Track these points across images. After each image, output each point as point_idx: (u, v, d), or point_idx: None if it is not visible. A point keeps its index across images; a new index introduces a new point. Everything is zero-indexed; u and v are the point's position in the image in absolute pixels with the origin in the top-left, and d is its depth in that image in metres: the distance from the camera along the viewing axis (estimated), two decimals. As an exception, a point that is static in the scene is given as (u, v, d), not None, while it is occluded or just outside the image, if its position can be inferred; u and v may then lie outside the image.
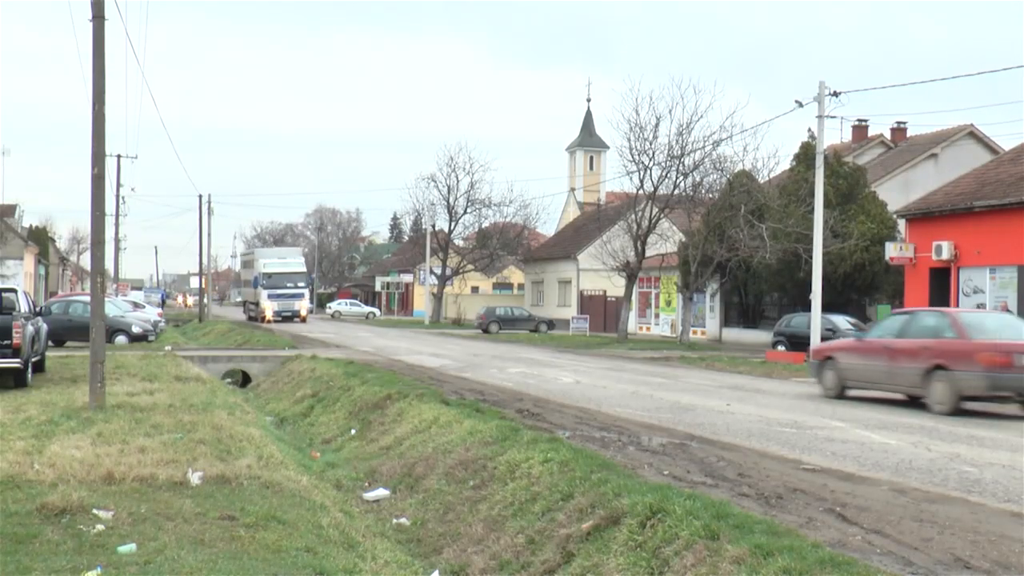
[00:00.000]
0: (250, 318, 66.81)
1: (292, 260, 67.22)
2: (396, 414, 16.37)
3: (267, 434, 14.72)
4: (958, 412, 16.51)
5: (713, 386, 21.49)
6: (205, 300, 69.30)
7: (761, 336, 43.10)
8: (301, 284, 64.71)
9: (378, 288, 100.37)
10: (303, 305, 64.48)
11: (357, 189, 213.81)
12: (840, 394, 19.33)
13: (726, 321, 48.70)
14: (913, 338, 17.94)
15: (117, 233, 63.07)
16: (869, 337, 19.75)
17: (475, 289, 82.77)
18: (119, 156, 55.91)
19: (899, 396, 18.58)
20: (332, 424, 18.24)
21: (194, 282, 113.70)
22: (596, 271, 56.24)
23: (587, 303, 61.95)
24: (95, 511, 8.91)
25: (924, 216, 35.68)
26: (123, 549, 7.85)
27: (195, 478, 10.47)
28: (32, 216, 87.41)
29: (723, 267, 41.02)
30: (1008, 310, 30.89)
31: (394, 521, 11.14)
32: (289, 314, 62.85)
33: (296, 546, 8.28)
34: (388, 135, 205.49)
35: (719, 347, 41.60)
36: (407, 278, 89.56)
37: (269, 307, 62.75)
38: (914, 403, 17.73)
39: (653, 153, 42.22)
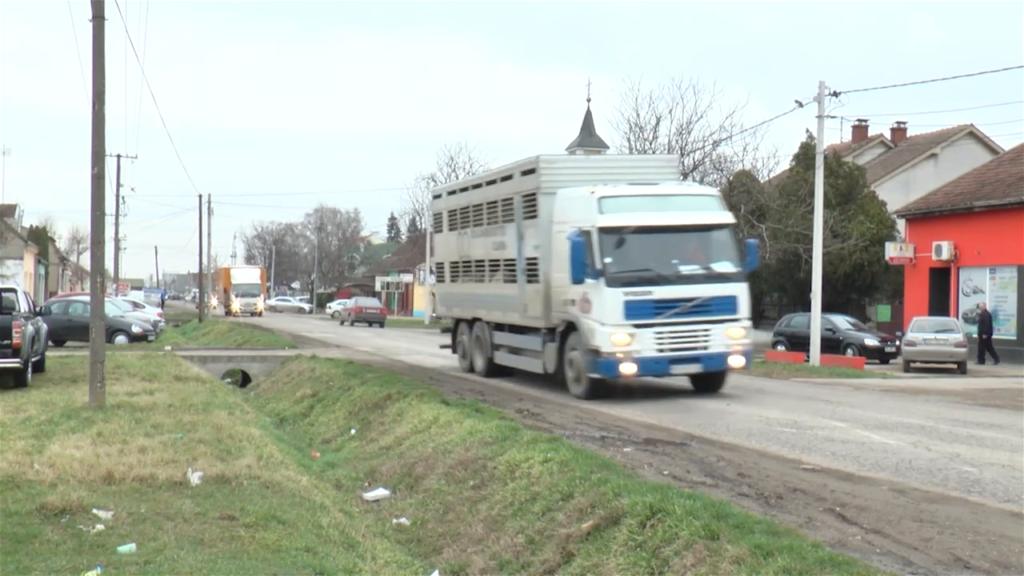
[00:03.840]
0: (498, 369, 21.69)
1: (685, 194, 18.86)
2: (396, 414, 16.36)
3: (267, 434, 14.73)
4: None
5: (713, 386, 21.41)
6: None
7: (761, 336, 43.05)
8: (726, 266, 17.32)
9: (378, 288, 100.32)
10: (736, 336, 17.16)
11: (357, 189, 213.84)
12: None
13: (726, 321, 48.59)
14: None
15: (117, 233, 62.95)
16: None
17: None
18: (119, 156, 55.91)
19: None
20: (332, 424, 18.24)
21: (241, 276, 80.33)
22: (596, 271, 56.06)
23: (587, 303, 61.85)
24: (95, 511, 8.91)
25: (924, 216, 35.70)
26: (123, 549, 7.85)
27: (195, 478, 10.48)
28: (32, 216, 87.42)
29: (723, 267, 40.92)
30: (986, 311, 31.12)
31: (394, 521, 11.14)
32: (699, 367, 17.28)
33: (296, 546, 8.28)
34: (388, 135, 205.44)
35: (719, 347, 41.53)
36: (407, 278, 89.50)
37: (625, 342, 16.42)
38: None
39: (653, 153, 42.29)
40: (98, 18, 16.60)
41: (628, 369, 16.57)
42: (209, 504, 9.47)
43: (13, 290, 21.65)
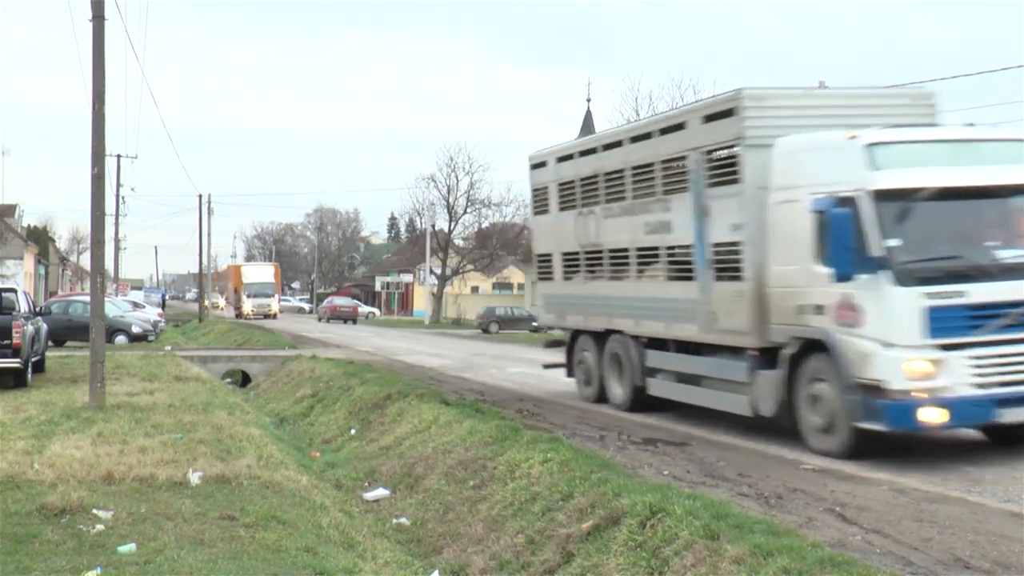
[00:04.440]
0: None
1: (990, 139, 11.93)
2: (396, 414, 16.36)
3: (267, 434, 14.72)
4: None
5: (713, 386, 21.39)
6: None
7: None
8: None
9: (378, 288, 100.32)
10: None
11: (357, 189, 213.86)
12: None
13: (726, 321, 48.39)
14: None
15: (117, 233, 62.88)
16: None
17: (475, 289, 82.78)
18: (119, 156, 55.87)
19: None
20: (332, 424, 18.23)
21: (254, 274, 73.17)
22: (596, 271, 55.97)
23: (587, 303, 61.88)
24: (95, 511, 8.92)
25: (924, 216, 35.66)
26: (123, 549, 7.86)
27: (195, 478, 10.48)
28: (32, 216, 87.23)
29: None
30: None
31: (394, 521, 11.14)
32: None
33: (296, 546, 8.28)
34: (388, 135, 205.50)
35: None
36: (407, 278, 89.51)
37: (927, 371, 10.54)
38: None
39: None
40: (98, 18, 16.61)
41: (932, 416, 10.56)
42: (209, 504, 9.47)
43: (13, 290, 21.64)
